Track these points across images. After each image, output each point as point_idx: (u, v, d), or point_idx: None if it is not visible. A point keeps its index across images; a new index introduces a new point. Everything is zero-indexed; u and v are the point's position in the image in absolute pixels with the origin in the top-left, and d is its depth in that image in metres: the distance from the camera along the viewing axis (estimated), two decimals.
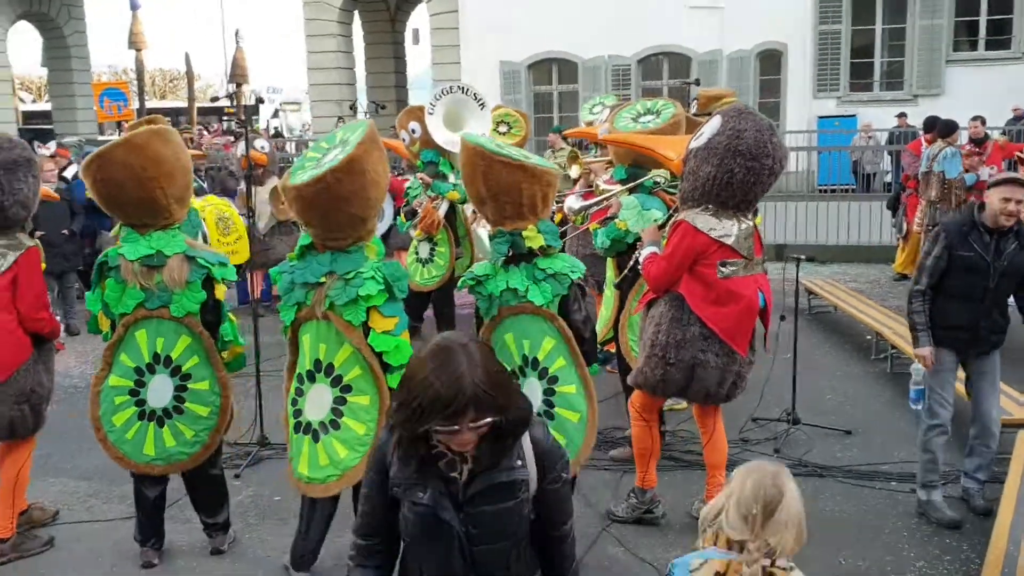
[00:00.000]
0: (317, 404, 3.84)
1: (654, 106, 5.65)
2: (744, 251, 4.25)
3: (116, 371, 4.15)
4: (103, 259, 4.17)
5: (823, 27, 19.66)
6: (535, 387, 3.93)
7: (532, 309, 3.89)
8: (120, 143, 4.10)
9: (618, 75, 21.13)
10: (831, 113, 19.75)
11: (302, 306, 3.82)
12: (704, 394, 4.40)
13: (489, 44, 21.21)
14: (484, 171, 3.80)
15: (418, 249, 8.25)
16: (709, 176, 4.20)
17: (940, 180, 9.68)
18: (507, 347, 3.91)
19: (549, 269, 3.91)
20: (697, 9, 19.93)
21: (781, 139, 4.33)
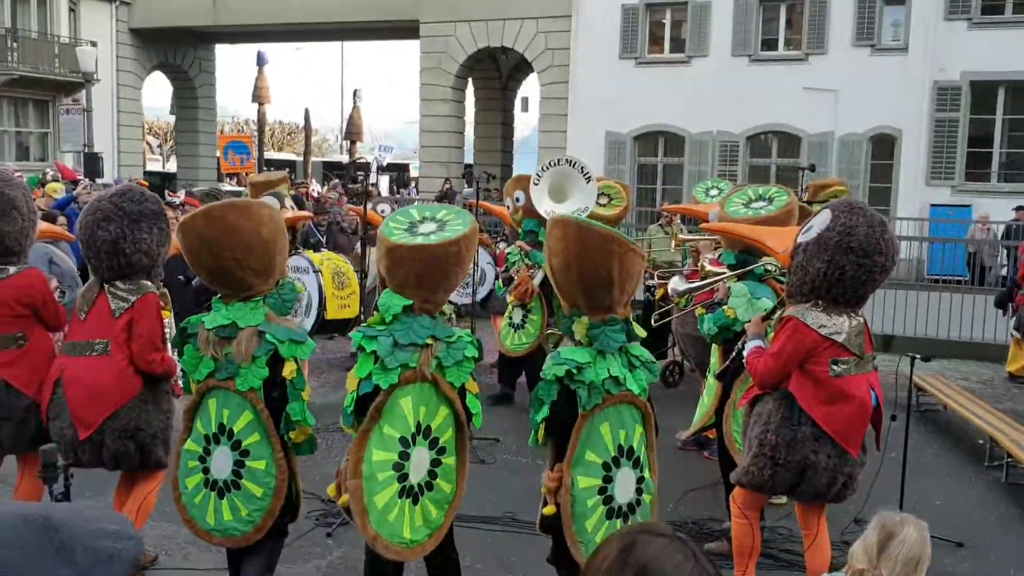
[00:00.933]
0: (417, 467, 3.87)
1: (766, 192, 5.61)
2: (856, 349, 4.16)
3: (192, 436, 4.22)
4: (185, 324, 4.25)
5: (939, 114, 19.26)
6: (630, 477, 3.89)
7: (629, 398, 3.86)
8: (200, 213, 4.18)
9: (725, 151, 21.08)
10: (945, 202, 19.21)
11: (406, 368, 3.81)
12: (813, 495, 4.28)
13: (596, 115, 21.50)
14: (621, 258, 3.79)
15: (512, 314, 8.36)
16: (819, 272, 4.13)
17: None
18: (603, 438, 3.85)
19: (642, 357, 3.91)
20: (811, 91, 19.81)
21: (893, 234, 4.24)
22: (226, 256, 4.06)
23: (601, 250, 3.79)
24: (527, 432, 6.30)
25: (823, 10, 19.97)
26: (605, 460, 3.83)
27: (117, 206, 4.50)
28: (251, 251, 4.09)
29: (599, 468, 3.81)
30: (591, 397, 3.80)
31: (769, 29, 20.94)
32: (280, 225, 4.30)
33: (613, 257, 3.77)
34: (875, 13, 19.59)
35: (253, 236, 4.09)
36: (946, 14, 19.00)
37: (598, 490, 3.81)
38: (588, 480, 3.81)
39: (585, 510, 3.78)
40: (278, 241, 4.24)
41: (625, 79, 21.42)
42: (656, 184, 22.19)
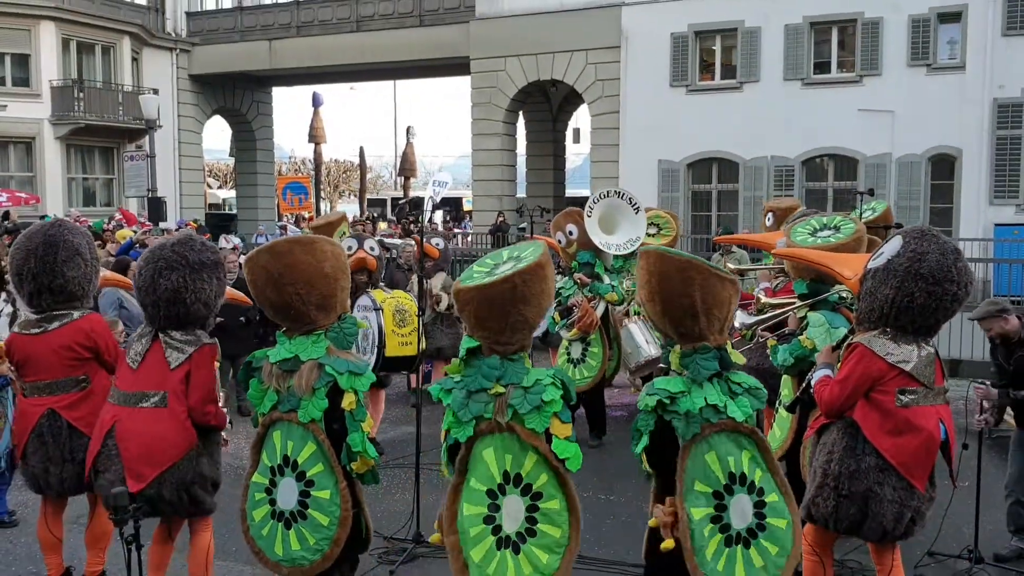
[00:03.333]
0: (512, 516, 3.82)
1: (831, 221, 5.54)
2: (924, 379, 4.07)
3: (259, 468, 4.33)
4: (250, 359, 4.39)
5: (1001, 132, 18.83)
6: (746, 503, 3.80)
7: (732, 425, 3.80)
8: (265, 248, 4.32)
9: (780, 175, 20.87)
10: (1009, 221, 18.72)
11: (481, 420, 3.80)
12: (881, 532, 4.15)
13: (648, 143, 21.49)
14: (702, 284, 3.75)
15: (570, 349, 8.31)
16: (888, 299, 4.07)
17: None
18: (711, 467, 3.79)
19: (745, 384, 3.84)
20: (866, 113, 19.55)
21: (966, 262, 4.13)
22: (289, 291, 4.18)
23: (680, 278, 3.76)
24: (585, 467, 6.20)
25: (876, 31, 19.74)
26: (716, 489, 3.76)
27: (179, 255, 4.53)
28: (313, 286, 4.21)
29: (710, 498, 3.76)
30: (689, 426, 3.76)
31: (821, 52, 20.75)
32: (342, 262, 4.41)
33: (693, 284, 3.74)
34: (930, 32, 19.30)
35: (315, 271, 4.22)
36: (1004, 30, 18.64)
37: (711, 519, 3.76)
38: (701, 511, 3.76)
39: (703, 542, 3.72)
40: (340, 277, 4.36)
41: (676, 107, 21.38)
42: (711, 211, 22.04)
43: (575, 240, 8.35)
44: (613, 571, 5.47)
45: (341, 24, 25.71)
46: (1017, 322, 5.45)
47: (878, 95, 19.63)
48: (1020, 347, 5.44)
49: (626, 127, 22.06)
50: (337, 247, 4.48)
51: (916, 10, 19.24)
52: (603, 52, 22.07)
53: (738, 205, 21.37)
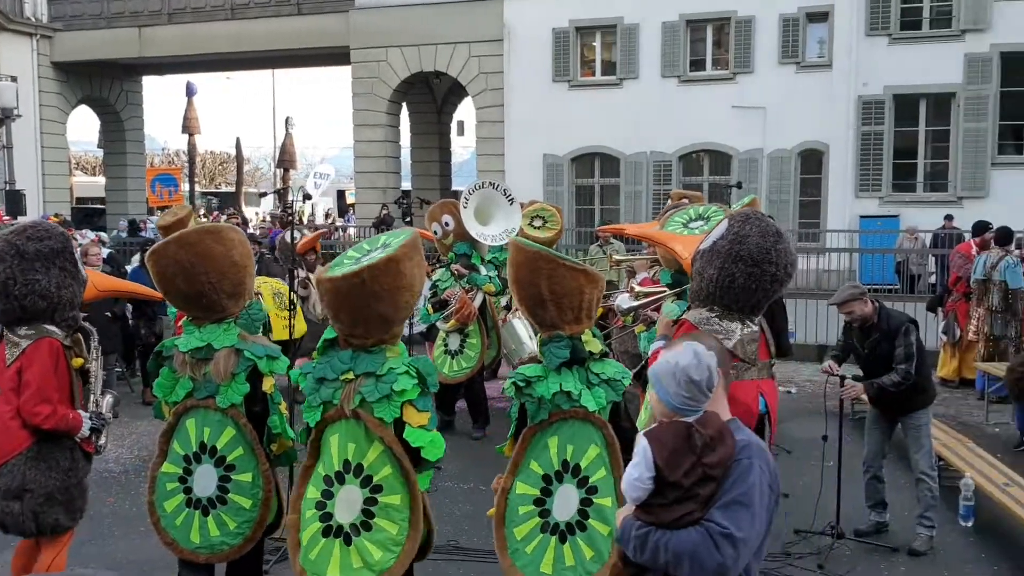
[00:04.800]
0: (347, 506, 3.76)
1: (705, 211, 5.67)
2: (745, 355, 4.22)
3: (169, 458, 4.27)
4: (160, 348, 4.34)
5: (865, 128, 19.77)
6: (571, 494, 3.83)
7: (584, 415, 3.82)
8: (173, 239, 4.25)
9: (659, 170, 21.35)
10: (873, 213, 19.69)
11: (329, 405, 3.78)
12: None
13: (532, 138, 21.63)
14: (549, 274, 3.80)
15: (447, 341, 8.27)
16: (712, 279, 4.23)
17: (1002, 290, 9.46)
18: (548, 450, 3.83)
19: (603, 374, 3.86)
20: (739, 109, 20.20)
21: (788, 246, 4.26)
22: (202, 280, 4.16)
23: (529, 268, 3.84)
24: (467, 458, 6.34)
25: (748, 29, 20.40)
26: (547, 472, 3.81)
27: (11, 244, 4.25)
28: (224, 274, 4.22)
29: (539, 479, 3.82)
30: (539, 411, 3.86)
31: (697, 50, 21.32)
32: (248, 249, 4.43)
33: (541, 274, 3.81)
34: (799, 31, 20.07)
35: (226, 260, 4.23)
36: (867, 30, 19.56)
37: (534, 500, 3.80)
38: (526, 487, 3.83)
39: (516, 518, 3.78)
40: (247, 264, 4.40)
41: (559, 102, 21.59)
42: (594, 204, 22.37)
43: (451, 231, 8.31)
44: (491, 560, 5.43)
45: (215, 11, 24.84)
46: (872, 307, 5.69)
47: (751, 92, 20.30)
48: (875, 331, 5.67)
49: (510, 121, 22.14)
50: (242, 235, 4.47)
51: (786, 9, 19.98)
52: (486, 45, 22.07)
53: (620, 199, 21.76)
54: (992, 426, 8.69)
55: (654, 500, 2.55)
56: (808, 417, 8.47)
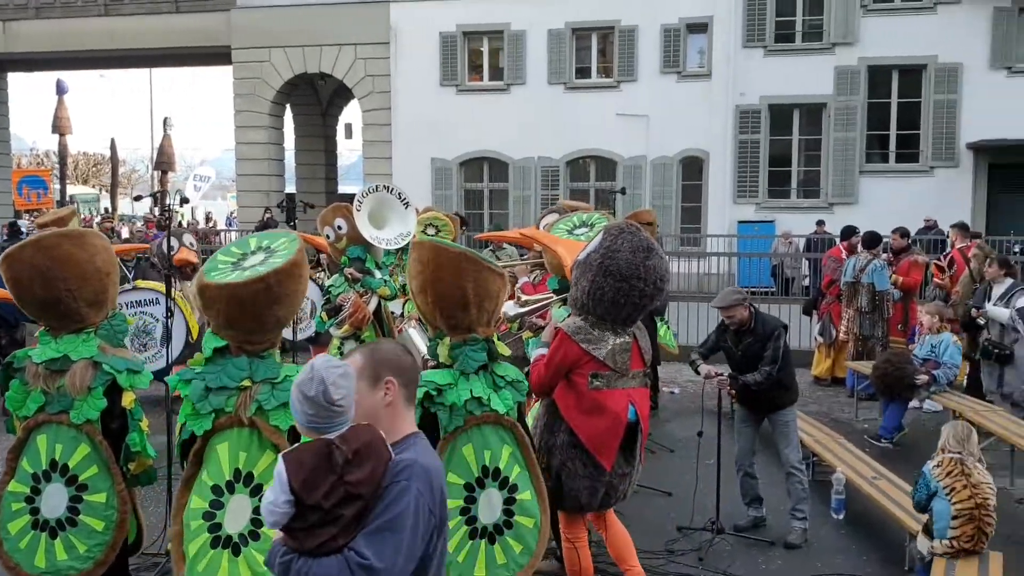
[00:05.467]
0: (237, 516, 3.66)
1: (590, 219, 5.75)
2: (615, 364, 4.28)
3: (17, 476, 4.01)
4: (11, 359, 4.07)
5: (742, 136, 20.49)
6: (496, 498, 3.83)
7: (495, 418, 3.82)
8: (29, 243, 4.05)
9: (547, 175, 21.58)
10: (750, 218, 20.42)
11: (220, 413, 3.65)
12: (577, 504, 4.36)
13: (420, 141, 21.54)
14: (475, 277, 3.76)
15: (342, 347, 8.12)
16: (585, 290, 4.30)
17: (870, 292, 9.91)
18: (465, 459, 3.80)
19: (507, 376, 3.87)
20: (623, 116, 20.61)
21: (659, 262, 4.33)
22: (59, 286, 3.96)
23: (454, 270, 3.80)
24: None
25: (632, 38, 20.85)
26: (468, 481, 3.82)
27: None
28: (85, 281, 4.02)
29: (461, 489, 3.80)
30: (452, 419, 3.80)
31: (582, 58, 21.67)
32: (113, 256, 4.24)
33: (467, 276, 3.78)
34: (680, 42, 20.65)
35: (87, 266, 4.03)
36: (744, 42, 20.28)
37: (460, 511, 3.78)
38: (450, 502, 3.73)
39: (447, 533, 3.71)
40: (111, 272, 4.19)
41: (447, 106, 21.58)
42: (483, 209, 22.43)
43: (344, 235, 8.16)
44: None
45: (87, 7, 23.76)
46: (749, 312, 5.90)
47: (635, 100, 20.76)
48: (749, 334, 5.89)
49: (398, 124, 21.99)
50: (106, 241, 4.29)
51: (667, 20, 20.52)
52: (372, 47, 21.86)
53: (508, 203, 21.89)
54: (861, 422, 9.10)
55: (296, 524, 2.31)
56: (690, 417, 8.68)
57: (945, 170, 19.65)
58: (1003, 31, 19.07)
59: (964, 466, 4.74)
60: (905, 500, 5.57)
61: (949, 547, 4.70)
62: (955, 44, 19.21)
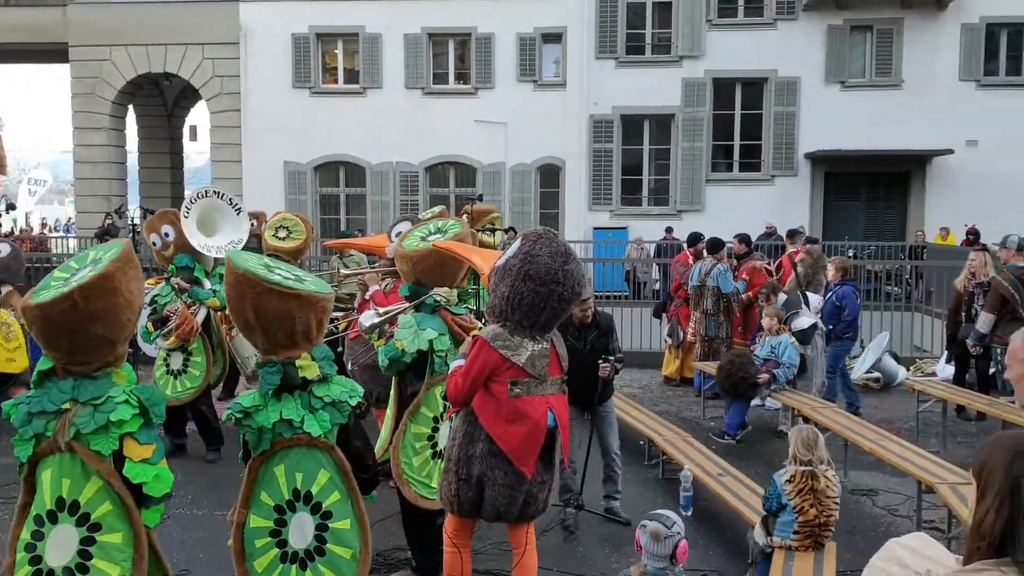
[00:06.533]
0: (61, 547, 3.37)
1: (443, 225, 5.68)
2: (535, 371, 4.27)
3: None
4: None
5: (596, 145, 20.95)
6: (307, 522, 3.66)
7: (308, 441, 3.65)
8: None
9: (406, 181, 21.41)
10: (605, 225, 20.90)
11: (41, 439, 3.38)
12: (496, 514, 4.31)
13: (273, 145, 20.98)
14: (254, 300, 3.55)
15: (169, 360, 7.78)
16: (504, 296, 4.27)
17: (715, 294, 10.30)
18: (276, 480, 3.63)
19: (327, 397, 3.69)
20: (482, 123, 20.70)
21: (577, 267, 4.36)
22: None
23: (236, 290, 3.61)
24: (202, 483, 5.88)
25: (488, 46, 20.99)
26: (278, 503, 3.65)
27: None
28: None
29: (271, 510, 3.65)
30: (260, 442, 3.64)
31: (440, 63, 21.64)
32: None
33: (245, 298, 3.58)
34: (535, 51, 20.93)
35: None
36: (597, 53, 20.76)
37: (270, 532, 3.64)
38: (260, 521, 3.64)
39: (254, 550, 3.62)
40: None
41: (301, 108, 21.11)
42: (340, 215, 22.03)
43: (172, 242, 7.82)
44: None
45: None
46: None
47: (493, 107, 20.90)
48: (593, 328, 6.19)
49: (248, 127, 21.33)
50: None
51: (523, 29, 20.77)
52: (221, 47, 21.13)
53: (366, 209, 21.58)
54: (708, 420, 9.41)
55: None
56: None
57: (785, 179, 20.70)
58: (836, 48, 20.28)
59: (815, 480, 4.88)
60: (748, 495, 5.77)
61: (787, 547, 4.88)
62: (793, 59, 20.30)
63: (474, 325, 5.18)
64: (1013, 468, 2.00)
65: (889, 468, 6.65)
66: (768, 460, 7.70)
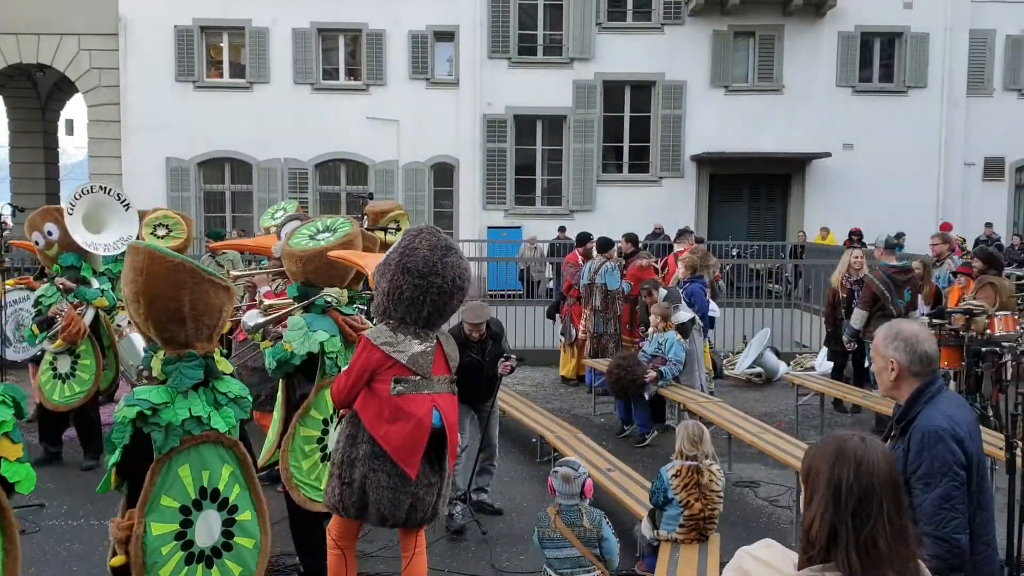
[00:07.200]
0: None
1: (332, 224, 5.58)
2: (419, 369, 4.22)
3: None
4: None
5: (490, 145, 21.00)
6: (214, 519, 3.61)
7: (216, 437, 3.57)
8: None
9: (295, 178, 20.98)
10: (499, 224, 20.97)
11: None
12: (380, 517, 4.23)
13: (154, 139, 20.26)
14: (193, 289, 3.46)
15: (55, 363, 7.44)
16: (384, 291, 4.23)
17: (603, 291, 10.52)
18: (182, 481, 3.52)
19: (230, 393, 3.63)
20: (374, 120, 20.48)
21: (457, 259, 4.31)
22: None
23: (170, 280, 3.49)
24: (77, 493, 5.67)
25: (380, 42, 20.76)
26: (184, 504, 3.57)
27: None
28: None
29: (176, 513, 3.56)
30: (168, 439, 3.53)
31: (330, 59, 21.30)
32: None
33: (184, 288, 3.50)
34: (428, 49, 20.82)
35: None
36: (489, 53, 20.79)
37: (175, 535, 3.55)
38: (163, 527, 3.52)
39: (159, 559, 3.49)
40: None
41: (184, 103, 20.43)
42: (225, 212, 21.42)
43: (56, 241, 7.49)
44: None
45: None
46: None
47: (385, 104, 20.69)
48: (490, 339, 6.32)
49: (128, 121, 20.51)
50: None
51: (415, 26, 20.63)
52: (99, 39, 20.24)
53: (253, 206, 21.05)
54: (599, 416, 9.56)
55: None
56: None
57: (672, 180, 21.20)
58: (721, 53, 20.89)
59: (700, 475, 5.02)
60: (636, 489, 5.88)
61: (673, 540, 4.99)
62: (680, 63, 20.80)
63: (366, 325, 5.11)
64: (834, 472, 2.01)
65: (771, 460, 6.88)
66: (655, 454, 7.87)
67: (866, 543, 1.97)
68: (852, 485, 2.00)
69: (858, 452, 2.04)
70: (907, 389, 3.06)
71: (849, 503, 1.99)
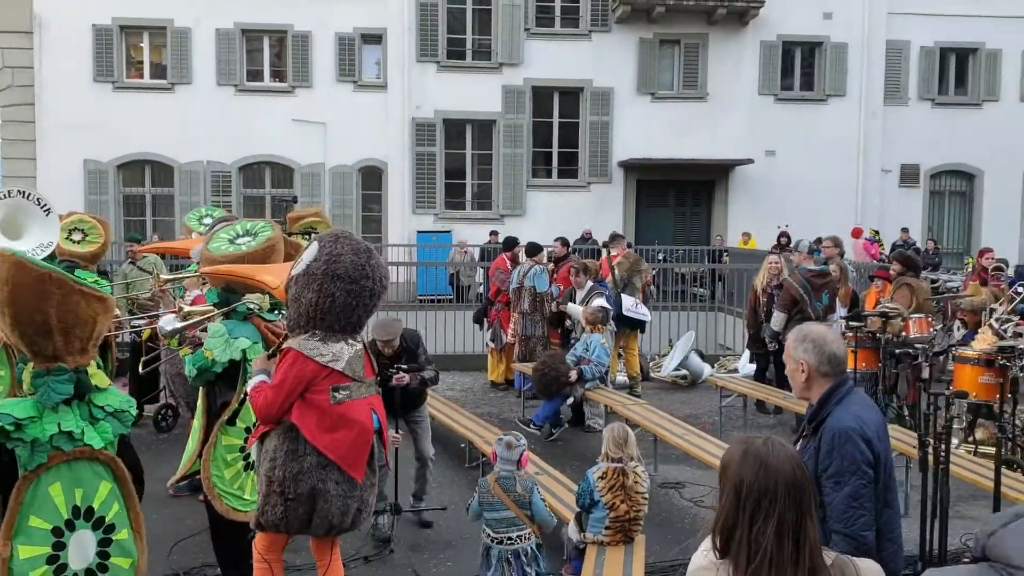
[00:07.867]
0: None
1: (253, 228, 5.45)
2: (355, 374, 4.18)
3: None
4: None
5: (419, 148, 20.91)
6: (88, 540, 3.43)
7: (91, 453, 3.40)
8: None
9: (218, 181, 20.58)
10: (429, 228, 20.88)
11: None
12: (328, 526, 4.16)
13: (71, 141, 19.68)
14: (60, 300, 3.29)
15: None
16: (311, 302, 4.13)
17: (531, 294, 10.58)
18: (51, 500, 3.35)
19: (108, 407, 3.46)
20: (300, 123, 20.22)
21: (380, 260, 4.33)
22: None
23: (35, 292, 3.31)
24: None
25: (306, 44, 20.52)
26: (56, 525, 3.36)
27: None
28: None
29: (48, 535, 3.35)
30: (35, 456, 3.34)
31: (254, 60, 20.96)
32: None
33: (50, 300, 3.32)
34: (355, 51, 20.65)
35: None
36: (418, 56, 20.71)
37: (47, 559, 3.34)
38: (32, 550, 3.33)
39: None
40: None
41: (102, 104, 19.88)
42: (146, 216, 20.89)
43: None
44: None
45: None
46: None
47: (311, 107, 20.45)
48: (403, 352, 6.35)
49: (43, 122, 19.88)
50: None
51: (342, 28, 20.45)
52: (13, 37, 19.57)
53: (175, 209, 20.58)
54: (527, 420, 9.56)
55: None
56: None
57: (600, 185, 21.41)
58: (647, 60, 21.18)
59: (625, 477, 5.07)
60: (563, 492, 5.90)
61: (599, 542, 5.03)
62: (608, 70, 21.03)
63: None
64: (740, 470, 2.12)
65: (695, 461, 6.98)
66: (582, 456, 7.92)
67: (755, 542, 2.07)
68: (752, 485, 2.09)
69: (760, 454, 2.13)
70: (818, 390, 3.16)
71: (748, 503, 2.09)
